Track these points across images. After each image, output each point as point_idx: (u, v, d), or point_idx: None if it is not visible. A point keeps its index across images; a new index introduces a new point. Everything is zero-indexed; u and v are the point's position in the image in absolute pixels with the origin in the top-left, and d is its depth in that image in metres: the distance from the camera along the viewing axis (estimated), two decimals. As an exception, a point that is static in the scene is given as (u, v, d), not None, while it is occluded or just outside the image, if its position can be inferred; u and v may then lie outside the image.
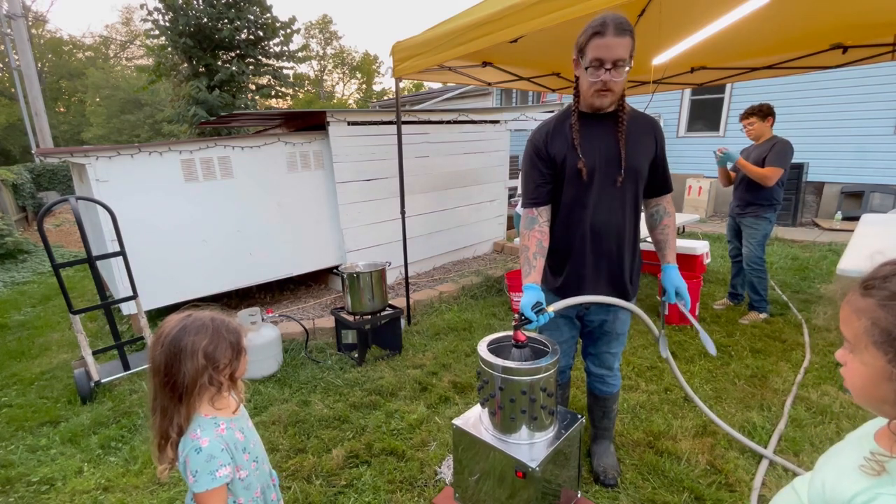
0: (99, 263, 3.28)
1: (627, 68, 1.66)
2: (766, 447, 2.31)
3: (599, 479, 2.11)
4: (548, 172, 1.88)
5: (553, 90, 4.74)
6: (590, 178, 1.83)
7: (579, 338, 2.16)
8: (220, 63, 11.29)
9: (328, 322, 3.87)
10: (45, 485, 2.28)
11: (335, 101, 40.29)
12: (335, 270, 3.55)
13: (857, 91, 7.23)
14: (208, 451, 1.15)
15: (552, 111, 6.58)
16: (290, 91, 15.65)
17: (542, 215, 1.90)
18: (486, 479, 1.75)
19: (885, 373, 0.70)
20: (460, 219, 5.88)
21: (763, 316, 3.83)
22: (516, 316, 1.70)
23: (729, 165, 3.75)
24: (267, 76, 12.41)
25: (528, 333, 1.85)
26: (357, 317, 3.37)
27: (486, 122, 5.84)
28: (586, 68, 1.68)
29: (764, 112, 3.64)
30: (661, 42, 3.36)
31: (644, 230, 2.17)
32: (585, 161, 1.81)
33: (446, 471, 2.23)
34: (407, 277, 4.09)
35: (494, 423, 1.72)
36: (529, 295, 1.73)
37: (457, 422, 1.83)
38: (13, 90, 19.81)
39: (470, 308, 4.41)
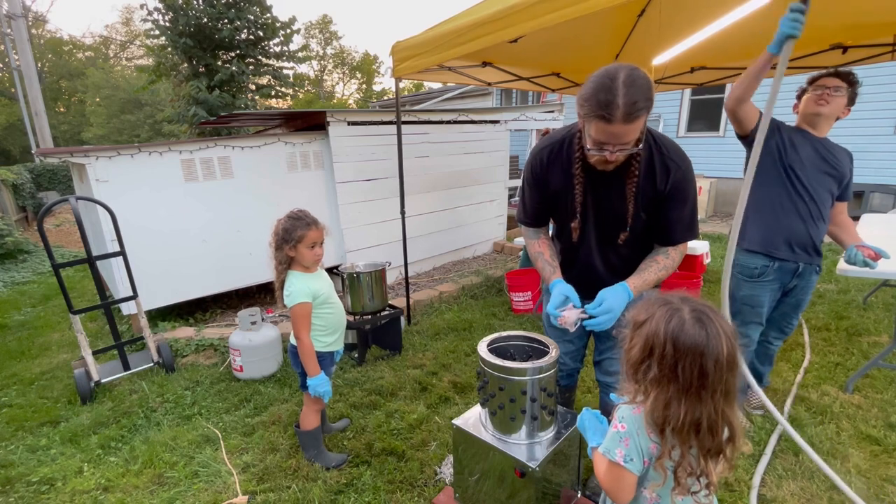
0: (99, 263, 3.29)
1: (637, 147, 1.44)
2: (765, 447, 2.31)
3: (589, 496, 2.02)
4: (543, 198, 1.78)
5: (553, 90, 4.74)
6: (583, 230, 1.73)
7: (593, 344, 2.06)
8: (220, 63, 11.29)
9: (328, 322, 3.87)
10: (45, 485, 2.28)
11: (335, 101, 40.30)
12: (335, 270, 3.55)
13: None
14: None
15: (552, 111, 6.58)
16: (290, 91, 15.67)
17: (542, 230, 1.91)
18: (486, 479, 1.75)
19: None
20: (460, 219, 5.88)
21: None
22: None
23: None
24: (267, 76, 12.41)
25: (528, 333, 1.85)
26: (357, 317, 3.37)
27: (486, 122, 5.84)
28: (588, 144, 1.47)
29: (854, 90, 2.30)
30: (661, 42, 3.36)
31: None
32: (581, 223, 1.70)
33: (446, 471, 2.23)
34: (407, 277, 4.09)
35: (494, 423, 1.72)
36: (557, 290, 1.62)
37: (457, 422, 1.83)
38: (13, 90, 19.80)
39: (470, 308, 4.41)
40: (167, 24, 10.52)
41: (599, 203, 1.68)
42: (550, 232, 1.99)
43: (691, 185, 1.63)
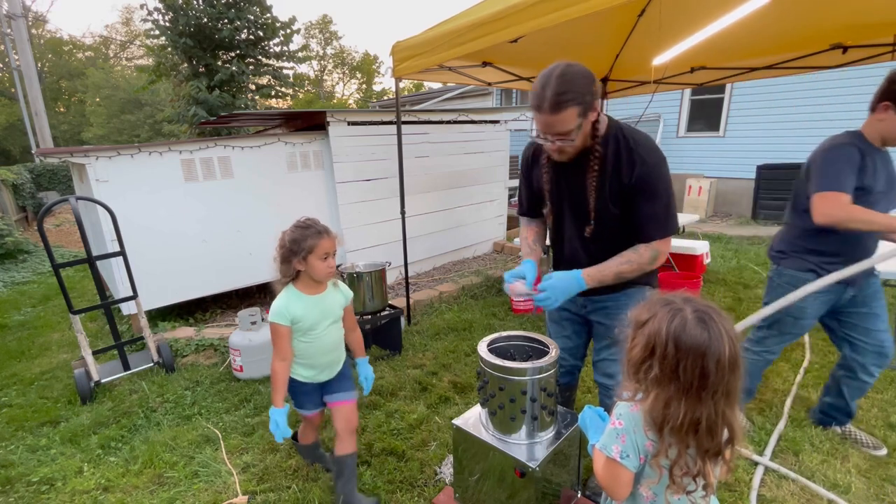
0: (99, 263, 3.29)
1: (573, 139, 1.52)
2: (765, 447, 2.31)
3: (588, 496, 1.99)
4: (531, 191, 1.92)
5: (553, 90, 4.74)
6: (560, 221, 1.83)
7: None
8: (220, 63, 11.29)
9: (328, 322, 3.87)
10: (45, 485, 2.28)
11: (335, 101, 40.29)
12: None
13: (857, 91, 7.23)
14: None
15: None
16: (290, 91, 15.69)
17: (535, 220, 2.01)
18: (486, 479, 1.75)
19: None
20: (460, 219, 5.88)
21: None
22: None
23: None
24: (267, 76, 12.42)
25: (528, 333, 1.86)
26: (357, 317, 3.36)
27: (486, 122, 5.84)
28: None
29: None
30: (661, 42, 3.36)
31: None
32: (553, 209, 1.82)
33: (446, 471, 2.23)
34: (407, 277, 4.09)
35: (494, 423, 1.72)
36: (521, 267, 1.76)
37: (457, 422, 1.83)
38: (13, 90, 19.81)
39: (470, 308, 4.41)
40: (167, 24, 10.52)
41: (570, 196, 1.76)
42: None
43: (661, 182, 1.61)
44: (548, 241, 2.03)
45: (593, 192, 1.64)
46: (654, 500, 1.17)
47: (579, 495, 1.91)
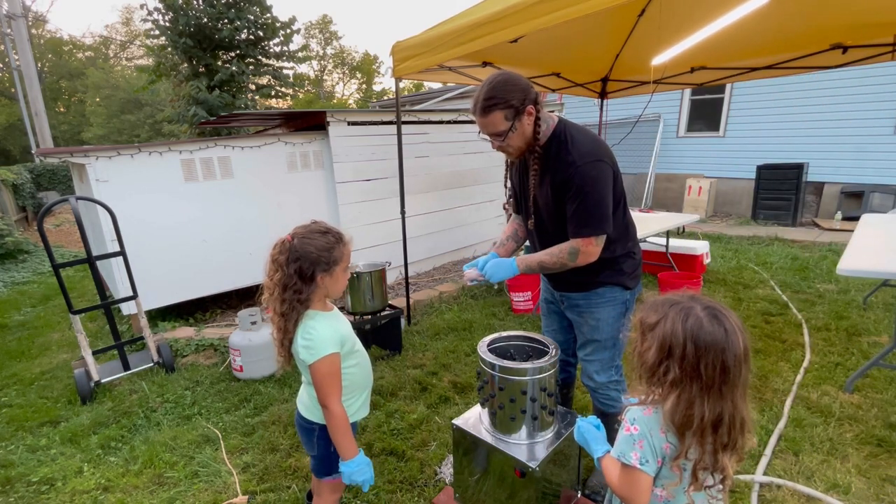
0: (99, 263, 3.29)
1: (506, 140, 1.69)
2: (765, 448, 2.31)
3: (588, 495, 1.97)
4: (511, 189, 2.03)
5: (553, 90, 4.74)
6: (523, 215, 1.97)
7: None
8: (220, 63, 11.28)
9: (328, 322, 3.87)
10: (45, 485, 2.28)
11: (335, 101, 40.28)
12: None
13: (857, 91, 7.23)
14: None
15: (552, 111, 6.58)
16: (290, 91, 15.68)
17: (519, 217, 2.08)
18: (486, 479, 1.75)
19: None
20: (460, 219, 5.88)
21: None
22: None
23: None
24: (267, 76, 12.41)
25: (528, 333, 1.86)
26: (357, 317, 3.36)
27: (486, 122, 5.84)
28: None
29: None
30: (661, 42, 3.36)
31: (644, 230, 2.13)
32: (515, 204, 1.99)
33: (446, 471, 2.23)
34: (407, 277, 4.09)
35: (494, 423, 1.72)
36: (480, 258, 1.91)
37: (457, 422, 1.83)
38: (13, 90, 19.81)
39: (470, 308, 4.41)
40: (167, 24, 10.51)
41: (523, 192, 1.91)
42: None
43: (588, 182, 1.63)
44: None
45: (533, 189, 1.77)
46: (669, 501, 1.14)
47: (579, 495, 1.91)
